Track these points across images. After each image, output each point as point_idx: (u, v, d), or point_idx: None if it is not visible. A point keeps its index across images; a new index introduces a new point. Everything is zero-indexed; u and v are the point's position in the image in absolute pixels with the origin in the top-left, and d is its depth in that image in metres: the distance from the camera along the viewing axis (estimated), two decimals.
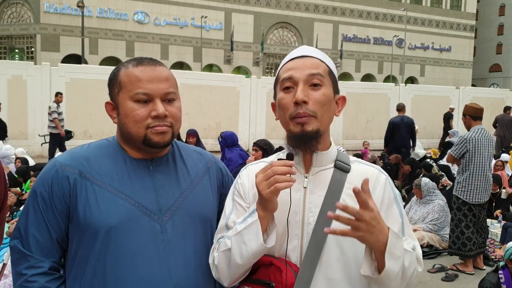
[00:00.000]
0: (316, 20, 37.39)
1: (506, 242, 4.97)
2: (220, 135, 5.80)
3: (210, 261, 1.25)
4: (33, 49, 30.56)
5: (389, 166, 7.94)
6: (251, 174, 1.25)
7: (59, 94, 9.99)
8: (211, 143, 11.45)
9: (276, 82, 1.25)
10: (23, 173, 6.57)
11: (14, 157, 7.95)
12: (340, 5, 37.98)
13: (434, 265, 4.92)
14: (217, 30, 34.46)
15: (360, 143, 15.21)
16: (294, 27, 37.12)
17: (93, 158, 1.26)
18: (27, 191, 6.13)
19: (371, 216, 1.00)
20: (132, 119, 1.23)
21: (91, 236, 1.20)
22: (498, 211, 6.17)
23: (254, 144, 5.32)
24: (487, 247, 5.13)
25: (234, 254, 1.13)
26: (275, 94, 1.26)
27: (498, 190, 6.48)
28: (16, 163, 7.55)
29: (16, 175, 6.80)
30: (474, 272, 4.72)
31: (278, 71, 1.25)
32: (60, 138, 9.82)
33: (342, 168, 1.23)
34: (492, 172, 5.42)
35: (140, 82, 1.22)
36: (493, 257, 5.08)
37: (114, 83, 1.27)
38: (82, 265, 1.21)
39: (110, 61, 30.04)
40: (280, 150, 1.63)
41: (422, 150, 9.57)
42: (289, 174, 1.07)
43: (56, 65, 13.25)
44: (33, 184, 1.27)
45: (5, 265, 3.31)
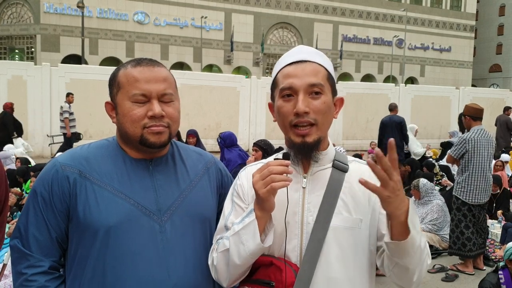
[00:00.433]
0: (316, 20, 37.41)
1: (506, 243, 4.97)
2: (219, 136, 5.79)
3: (209, 262, 1.25)
4: (33, 49, 30.59)
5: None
6: (250, 175, 1.25)
7: (70, 95, 10.01)
8: (211, 143, 11.44)
9: (274, 85, 1.24)
10: (23, 173, 6.56)
11: (14, 157, 7.96)
12: (340, 5, 38.00)
13: (434, 265, 4.92)
14: (217, 31, 34.49)
15: (360, 143, 15.21)
16: (294, 28, 37.14)
17: (93, 158, 1.27)
18: (27, 191, 6.13)
19: (398, 179, 1.00)
20: (129, 119, 1.24)
21: (91, 235, 1.20)
22: (499, 212, 6.17)
23: (254, 144, 5.32)
24: (487, 248, 5.13)
25: (232, 254, 1.14)
26: (273, 96, 1.25)
27: (498, 191, 6.48)
28: (16, 163, 7.55)
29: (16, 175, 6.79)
30: (474, 272, 4.72)
31: (276, 74, 1.23)
32: (70, 138, 9.85)
33: (340, 167, 1.23)
34: (492, 172, 5.41)
35: (137, 82, 1.23)
36: (493, 257, 5.08)
37: (113, 84, 1.28)
38: (82, 264, 1.21)
39: (110, 61, 30.05)
40: (280, 150, 1.64)
41: (421, 149, 9.55)
42: (285, 174, 1.08)
43: (56, 65, 13.25)
44: (33, 184, 1.28)
45: (5, 265, 3.31)
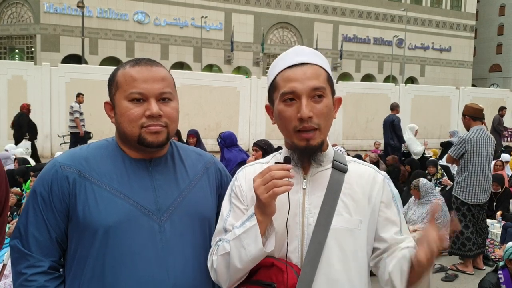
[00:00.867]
0: (316, 20, 37.40)
1: (506, 242, 4.97)
2: (219, 136, 5.79)
3: (209, 264, 1.25)
4: (33, 49, 30.59)
5: (396, 168, 7.94)
6: (248, 175, 1.26)
7: (81, 95, 10.02)
8: (211, 143, 11.44)
9: (273, 88, 1.22)
10: (23, 173, 6.56)
11: (14, 157, 7.96)
12: (340, 5, 37.99)
13: (434, 265, 4.90)
14: (217, 30, 34.48)
15: (360, 143, 15.22)
16: (294, 27, 37.13)
17: (92, 158, 1.27)
18: (27, 191, 6.13)
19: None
20: (126, 119, 1.24)
21: (90, 235, 1.20)
22: (499, 213, 6.17)
23: (254, 144, 5.32)
24: (487, 247, 5.13)
25: (233, 258, 1.13)
26: (271, 99, 1.24)
27: (500, 190, 6.46)
28: (14, 164, 7.55)
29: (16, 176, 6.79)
30: (474, 272, 4.72)
31: (275, 77, 1.20)
32: (80, 138, 9.88)
33: (340, 168, 1.23)
34: (491, 172, 5.41)
35: (135, 82, 1.23)
36: (493, 257, 5.08)
37: (112, 83, 1.29)
38: (81, 264, 1.22)
39: (110, 61, 30.05)
40: (279, 149, 1.64)
41: (420, 147, 9.55)
42: (287, 178, 1.07)
43: (56, 65, 13.25)
44: (32, 184, 1.28)
45: (5, 265, 3.31)
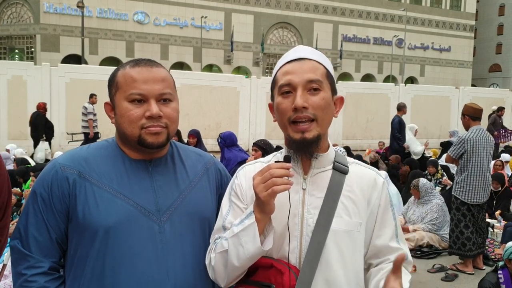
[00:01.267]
0: (316, 20, 37.40)
1: (505, 242, 4.98)
2: (219, 136, 5.79)
3: (207, 262, 1.25)
4: (33, 49, 30.58)
5: (396, 168, 7.96)
6: (248, 174, 1.26)
7: (94, 96, 10.03)
8: (211, 143, 11.44)
9: (273, 84, 1.25)
10: (23, 173, 6.56)
11: (14, 157, 7.97)
12: (340, 5, 37.99)
13: (434, 265, 4.92)
14: (217, 30, 34.48)
15: (360, 143, 15.21)
16: (294, 27, 37.13)
17: (92, 159, 1.27)
18: (27, 190, 6.12)
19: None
20: (127, 119, 1.24)
21: (90, 236, 1.20)
22: (498, 212, 6.17)
23: (254, 144, 5.32)
24: (487, 247, 5.14)
25: (231, 256, 1.13)
26: (272, 96, 1.26)
27: (500, 188, 6.45)
28: (13, 164, 7.55)
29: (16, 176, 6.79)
30: (474, 272, 4.72)
31: (275, 73, 1.24)
32: (90, 139, 9.92)
33: (341, 169, 1.23)
34: (491, 172, 5.42)
35: (135, 82, 1.23)
36: (492, 257, 5.08)
37: (112, 84, 1.29)
38: (81, 265, 1.22)
39: (110, 61, 30.04)
40: (278, 149, 1.64)
41: (420, 147, 9.55)
42: (286, 177, 1.07)
43: (56, 65, 13.25)
44: (33, 184, 1.28)
45: (5, 265, 3.31)
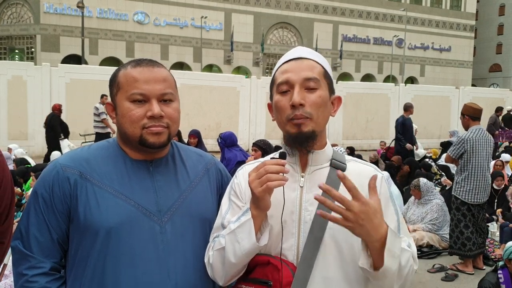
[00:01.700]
0: (316, 20, 37.40)
1: (504, 242, 4.98)
2: (219, 136, 5.80)
3: (206, 260, 1.26)
4: (33, 49, 30.58)
5: (392, 166, 7.96)
6: (247, 174, 1.26)
7: (105, 96, 10.14)
8: (211, 143, 11.45)
9: (272, 84, 1.27)
10: (23, 174, 6.57)
11: (14, 157, 7.97)
12: (340, 5, 37.99)
13: (434, 265, 4.92)
14: (217, 31, 34.48)
15: (360, 143, 15.22)
16: (294, 27, 37.13)
17: (93, 160, 1.27)
18: (28, 191, 6.13)
19: (362, 209, 1.00)
20: (128, 119, 1.24)
21: (91, 237, 1.20)
22: (499, 210, 6.17)
23: (254, 144, 5.33)
24: (487, 247, 5.14)
25: (228, 253, 1.14)
26: (271, 95, 1.27)
27: (503, 186, 6.43)
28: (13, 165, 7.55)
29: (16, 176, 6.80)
30: (474, 272, 4.72)
31: (274, 73, 1.26)
32: (107, 137, 10.02)
33: (338, 166, 1.24)
34: (490, 172, 5.42)
35: (136, 82, 1.23)
36: (492, 257, 5.08)
37: (113, 84, 1.29)
38: (82, 265, 1.22)
39: (110, 61, 30.04)
40: (278, 149, 1.65)
41: (422, 150, 9.59)
42: (281, 173, 1.08)
43: (56, 65, 13.26)
44: (33, 184, 1.28)
45: (5, 265, 3.31)
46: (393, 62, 38.68)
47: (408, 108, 9.03)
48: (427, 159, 8.85)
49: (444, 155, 8.22)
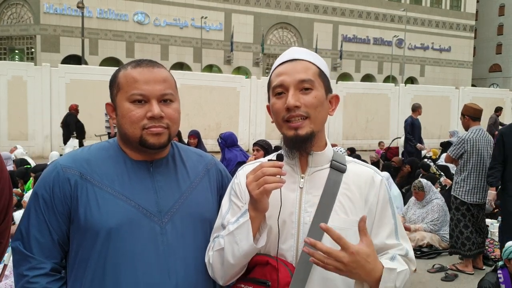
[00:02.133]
0: (316, 20, 37.40)
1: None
2: (219, 136, 5.80)
3: (206, 260, 1.27)
4: (33, 50, 30.58)
5: (389, 167, 7.95)
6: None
7: None
8: (211, 143, 11.45)
9: (268, 86, 1.27)
10: (23, 175, 6.56)
11: (14, 158, 7.97)
12: (340, 5, 38.00)
13: (434, 265, 4.92)
14: (217, 31, 34.49)
15: (360, 143, 15.22)
16: (294, 28, 37.13)
17: (93, 160, 1.27)
18: (28, 192, 6.13)
19: (351, 259, 1.00)
20: (128, 120, 1.24)
21: (92, 237, 1.20)
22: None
23: (256, 144, 5.33)
24: (487, 247, 5.14)
25: (226, 254, 1.15)
26: (269, 97, 1.28)
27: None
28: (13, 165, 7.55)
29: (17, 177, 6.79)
30: (473, 272, 4.72)
31: (270, 75, 1.27)
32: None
33: (338, 168, 1.24)
34: None
35: (136, 83, 1.23)
36: (492, 257, 5.08)
37: (114, 84, 1.29)
38: (83, 266, 1.22)
39: (110, 61, 30.04)
40: (278, 149, 1.65)
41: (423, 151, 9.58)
42: (279, 175, 1.09)
43: (56, 66, 13.27)
44: (34, 185, 1.29)
45: (6, 266, 3.32)
46: (393, 62, 38.68)
47: (416, 108, 9.03)
48: (426, 159, 8.83)
49: (443, 155, 8.23)
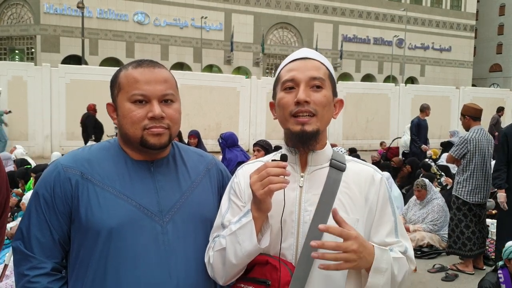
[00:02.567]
0: (316, 20, 37.40)
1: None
2: (220, 137, 5.80)
3: (206, 259, 1.26)
4: (33, 50, 30.58)
5: (387, 167, 7.95)
6: (247, 173, 1.26)
7: None
8: (211, 144, 11.46)
9: (276, 82, 1.27)
10: (23, 175, 6.56)
11: (14, 158, 7.97)
12: (340, 5, 37.99)
13: (434, 265, 4.92)
14: (217, 31, 34.48)
15: (360, 143, 15.22)
16: (294, 28, 37.13)
17: (94, 160, 1.27)
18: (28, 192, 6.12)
19: (358, 243, 1.02)
20: (129, 120, 1.24)
21: (93, 237, 1.21)
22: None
23: (256, 144, 5.32)
24: (487, 247, 5.14)
25: (228, 254, 1.15)
26: (275, 93, 1.28)
27: None
28: (13, 166, 7.55)
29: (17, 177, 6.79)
30: (474, 272, 4.72)
31: (279, 72, 1.27)
32: None
33: (338, 167, 1.25)
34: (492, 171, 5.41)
35: (137, 83, 1.23)
36: (493, 257, 5.08)
37: (114, 85, 1.29)
38: (84, 266, 1.22)
39: (110, 62, 30.05)
40: (278, 149, 1.64)
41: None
42: (282, 176, 1.09)
43: (56, 66, 13.27)
44: (35, 185, 1.29)
45: (6, 266, 3.32)
46: (393, 62, 38.68)
47: (424, 109, 8.98)
48: (427, 159, 8.82)
49: (444, 155, 8.23)
